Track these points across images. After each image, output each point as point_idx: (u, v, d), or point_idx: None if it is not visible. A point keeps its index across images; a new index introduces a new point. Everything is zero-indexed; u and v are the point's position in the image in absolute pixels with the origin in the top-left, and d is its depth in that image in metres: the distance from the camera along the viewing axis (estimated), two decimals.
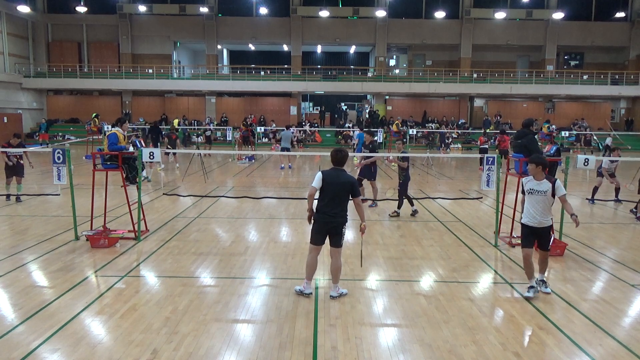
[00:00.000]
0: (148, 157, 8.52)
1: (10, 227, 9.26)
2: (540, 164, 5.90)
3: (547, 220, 5.93)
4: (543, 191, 5.85)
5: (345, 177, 5.73)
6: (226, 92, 36.58)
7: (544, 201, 5.87)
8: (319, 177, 5.65)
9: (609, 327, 5.13)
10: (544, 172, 5.96)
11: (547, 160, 5.97)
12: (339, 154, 5.80)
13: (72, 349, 4.53)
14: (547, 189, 5.85)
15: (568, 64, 38.04)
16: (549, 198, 5.87)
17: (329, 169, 5.79)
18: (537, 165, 5.89)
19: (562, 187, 5.90)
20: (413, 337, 4.86)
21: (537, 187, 5.91)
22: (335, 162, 5.79)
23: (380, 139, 27.08)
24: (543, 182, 5.89)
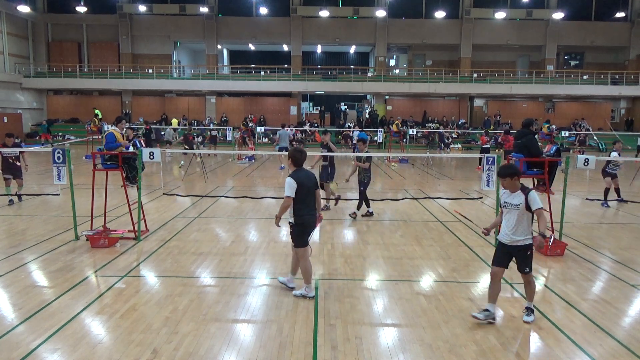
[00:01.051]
0: (148, 157, 8.51)
1: (10, 227, 9.26)
2: (512, 175, 5.14)
3: (520, 238, 5.16)
4: (516, 204, 5.12)
5: (312, 175, 5.89)
6: (226, 92, 36.59)
7: (517, 216, 5.14)
8: (292, 185, 5.52)
9: (609, 327, 5.13)
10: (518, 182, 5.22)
11: (519, 169, 5.28)
12: (302, 154, 5.80)
13: (72, 348, 4.53)
14: (521, 202, 5.10)
15: (568, 64, 38.05)
16: (522, 212, 5.11)
17: (296, 173, 5.69)
18: (511, 177, 5.13)
19: (536, 200, 5.09)
20: (413, 337, 4.86)
21: (510, 200, 5.20)
22: (299, 163, 5.76)
23: (380, 139, 27.17)
24: (517, 194, 5.16)
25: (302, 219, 5.69)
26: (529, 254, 5.22)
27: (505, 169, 5.19)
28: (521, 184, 5.19)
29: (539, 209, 5.09)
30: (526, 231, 5.18)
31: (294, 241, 5.83)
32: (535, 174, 8.14)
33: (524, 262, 5.24)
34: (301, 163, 5.79)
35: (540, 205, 5.09)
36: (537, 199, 5.11)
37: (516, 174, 5.15)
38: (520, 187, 5.16)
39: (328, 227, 9.54)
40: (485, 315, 5.19)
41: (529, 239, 5.19)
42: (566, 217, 8.49)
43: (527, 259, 5.24)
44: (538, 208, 5.09)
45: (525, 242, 5.18)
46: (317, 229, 6.34)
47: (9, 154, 10.99)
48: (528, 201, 5.08)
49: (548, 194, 8.02)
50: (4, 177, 11.27)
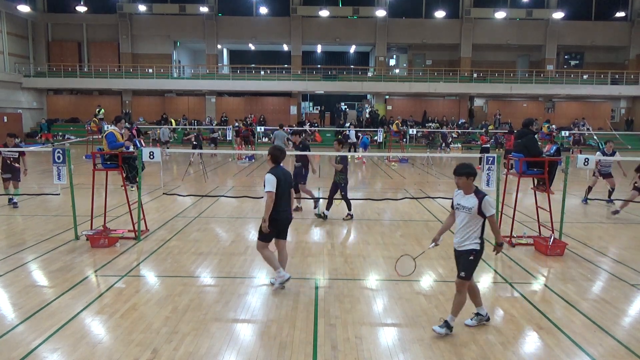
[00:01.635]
0: (148, 157, 8.51)
1: (10, 226, 9.26)
2: (468, 175, 4.83)
3: (466, 242, 4.85)
4: (468, 207, 4.81)
5: (288, 172, 6.06)
6: (226, 91, 36.59)
7: (466, 219, 4.84)
8: (273, 180, 5.68)
9: (609, 326, 5.13)
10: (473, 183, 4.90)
11: (475, 170, 4.90)
12: (282, 153, 5.97)
13: (72, 348, 4.53)
14: (473, 206, 4.77)
15: (568, 64, 38.04)
16: (473, 216, 4.78)
17: (275, 169, 5.85)
18: (467, 177, 4.83)
19: (490, 206, 4.75)
20: (413, 337, 4.86)
21: (462, 202, 4.88)
22: (278, 161, 5.92)
23: (380, 139, 27.16)
24: (470, 196, 4.84)
25: (279, 215, 5.83)
26: (471, 259, 4.83)
27: (462, 167, 4.84)
28: (476, 187, 4.89)
29: (492, 216, 4.79)
30: (473, 236, 4.83)
31: (259, 234, 5.94)
32: (535, 173, 8.15)
33: (463, 265, 4.87)
34: (280, 161, 5.96)
35: (494, 212, 4.80)
36: (492, 205, 4.79)
37: (472, 174, 4.83)
38: (475, 189, 4.85)
39: (328, 227, 9.54)
40: (478, 319, 5.08)
41: (475, 244, 4.83)
42: (566, 217, 8.49)
43: (467, 263, 4.85)
44: (491, 215, 4.77)
45: (470, 246, 4.83)
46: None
47: (8, 155, 10.73)
48: (481, 206, 4.74)
49: (548, 193, 8.03)
50: (3, 177, 11.04)
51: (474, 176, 4.86)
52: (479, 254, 4.86)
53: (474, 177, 4.86)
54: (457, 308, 4.89)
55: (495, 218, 4.87)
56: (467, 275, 4.84)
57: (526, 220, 9.95)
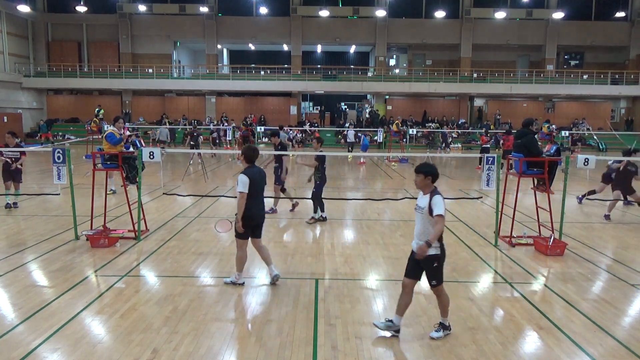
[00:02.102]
0: (148, 157, 8.51)
1: (10, 226, 9.26)
2: (425, 174, 4.66)
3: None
4: (422, 207, 4.67)
5: (263, 171, 6.17)
6: (226, 91, 36.59)
7: (422, 220, 4.69)
8: (245, 181, 5.76)
9: (609, 326, 5.13)
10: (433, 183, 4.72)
11: (436, 170, 4.70)
12: (255, 152, 6.05)
13: (72, 348, 4.53)
14: (426, 205, 4.61)
15: (568, 64, 38.04)
16: (426, 216, 4.62)
17: (248, 169, 5.93)
18: (424, 175, 4.66)
19: (439, 205, 4.55)
20: (413, 337, 4.86)
21: (419, 202, 4.76)
22: (251, 160, 6.00)
23: (380, 139, 27.17)
24: (426, 196, 4.67)
25: (251, 212, 5.89)
26: (436, 266, 4.67)
27: (421, 165, 4.70)
28: (434, 187, 4.70)
29: (438, 216, 4.54)
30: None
31: (237, 233, 6.03)
32: (535, 173, 8.15)
33: (430, 275, 4.72)
34: (253, 160, 6.03)
35: (441, 212, 4.54)
36: (440, 204, 4.56)
37: (430, 173, 4.65)
38: (432, 190, 4.68)
39: (328, 226, 9.54)
40: (387, 325, 4.86)
41: (435, 248, 4.62)
42: (566, 217, 8.49)
43: (433, 271, 4.70)
44: (438, 214, 4.54)
45: (431, 251, 4.61)
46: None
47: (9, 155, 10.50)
48: (431, 204, 4.57)
49: (548, 193, 8.03)
50: (4, 181, 10.84)
51: (432, 176, 4.67)
52: (441, 258, 4.69)
53: (432, 178, 4.67)
54: (445, 309, 4.86)
55: (442, 220, 4.55)
56: (438, 281, 4.74)
57: (526, 220, 9.95)
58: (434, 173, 4.68)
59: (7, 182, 10.82)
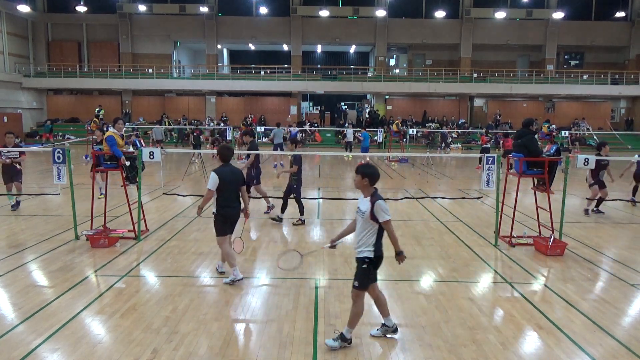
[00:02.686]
0: (148, 156, 8.51)
1: (10, 226, 9.26)
2: (363, 174, 4.53)
3: (360, 249, 4.53)
4: (362, 211, 4.53)
5: (237, 170, 6.31)
6: (226, 91, 36.58)
7: (361, 223, 4.55)
8: (215, 179, 5.98)
9: (609, 326, 5.13)
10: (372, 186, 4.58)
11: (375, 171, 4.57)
12: (229, 151, 6.27)
13: (72, 348, 4.53)
14: (366, 210, 4.47)
15: (568, 64, 38.04)
16: (367, 220, 4.47)
17: (220, 168, 6.13)
18: (362, 176, 4.53)
19: (383, 211, 4.39)
20: (413, 337, 4.86)
21: (359, 205, 4.62)
22: (225, 159, 6.21)
23: (380, 139, 27.17)
24: (367, 199, 4.53)
25: (223, 210, 6.16)
26: (364, 267, 4.52)
27: (361, 166, 4.57)
28: (374, 190, 4.57)
29: (385, 222, 4.41)
30: (367, 242, 4.50)
31: (215, 229, 6.28)
32: (535, 173, 8.15)
33: (356, 274, 4.59)
34: (227, 159, 6.22)
35: (387, 217, 4.41)
36: (384, 210, 4.41)
37: (368, 174, 4.51)
38: (372, 193, 4.53)
39: (327, 226, 9.54)
40: (384, 330, 4.83)
41: (369, 251, 4.49)
42: (566, 217, 8.49)
43: (360, 272, 4.56)
44: (385, 220, 4.40)
45: (364, 253, 4.50)
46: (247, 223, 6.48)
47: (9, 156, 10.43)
48: (374, 210, 4.41)
49: (548, 193, 8.03)
50: (4, 182, 10.72)
51: (369, 178, 4.51)
52: (373, 262, 4.52)
53: (369, 179, 4.51)
54: (353, 319, 4.61)
55: (391, 225, 4.46)
56: (360, 285, 4.55)
57: (526, 220, 9.95)
58: (370, 174, 4.52)
59: (8, 184, 10.70)
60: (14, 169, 10.64)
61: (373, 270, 4.59)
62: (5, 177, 10.72)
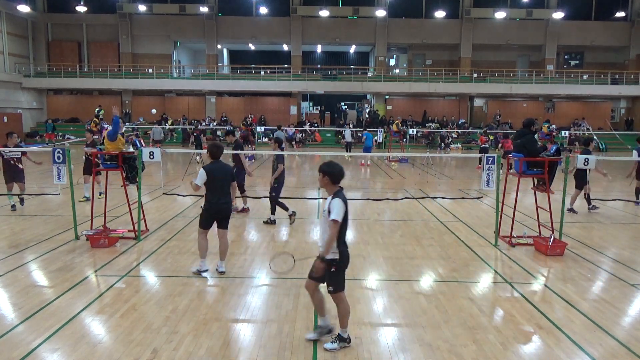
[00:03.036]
0: (148, 156, 8.51)
1: (10, 226, 9.26)
2: (323, 172, 4.45)
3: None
4: (325, 210, 4.46)
5: (227, 167, 6.48)
6: (226, 91, 36.58)
7: (323, 223, 4.48)
8: (202, 174, 6.19)
9: (609, 326, 5.13)
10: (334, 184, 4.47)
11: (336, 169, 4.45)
12: (219, 149, 6.44)
13: (72, 348, 4.53)
14: (326, 209, 4.41)
15: (568, 64, 38.04)
16: (326, 219, 4.40)
17: (209, 164, 6.34)
18: (323, 174, 4.45)
19: (335, 209, 4.30)
20: (413, 337, 4.86)
21: (325, 205, 4.50)
22: (215, 156, 6.39)
23: (380, 139, 27.17)
24: (329, 198, 4.46)
25: (210, 205, 6.37)
26: (333, 271, 4.42)
27: (322, 164, 4.47)
28: (338, 189, 4.47)
29: (332, 221, 4.30)
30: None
31: (199, 221, 6.58)
32: (535, 173, 8.15)
33: (328, 279, 4.48)
34: (217, 156, 6.41)
35: (336, 217, 4.29)
36: (336, 208, 4.29)
37: (327, 172, 4.41)
38: (335, 191, 4.45)
39: None
40: (319, 332, 4.72)
41: (333, 253, 4.39)
42: (566, 217, 8.49)
43: (330, 277, 4.45)
44: (332, 219, 4.29)
45: (329, 255, 4.39)
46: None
47: (10, 156, 10.47)
48: (330, 207, 4.35)
49: (548, 193, 8.03)
50: (6, 182, 10.69)
51: (330, 176, 4.42)
52: (340, 264, 4.45)
53: (330, 177, 4.43)
54: (343, 319, 4.60)
55: (335, 228, 4.32)
56: (335, 289, 4.51)
57: (526, 220, 9.95)
58: (330, 172, 4.42)
59: (9, 184, 10.70)
60: (17, 168, 10.65)
61: (342, 271, 4.55)
62: (7, 177, 10.72)
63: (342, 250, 4.48)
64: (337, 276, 4.52)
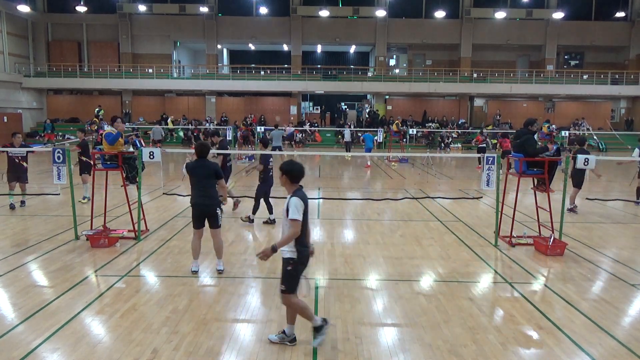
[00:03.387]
0: (148, 156, 8.50)
1: (11, 226, 9.26)
2: (283, 172, 4.42)
3: (284, 249, 4.35)
4: (284, 209, 4.38)
5: (210, 164, 6.51)
6: (226, 91, 36.57)
7: (283, 222, 4.43)
8: (183, 172, 6.58)
9: (609, 326, 5.13)
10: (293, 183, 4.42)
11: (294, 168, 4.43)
12: (204, 147, 6.61)
13: (72, 348, 4.53)
14: (285, 208, 4.36)
15: (568, 64, 38.03)
16: (285, 219, 4.37)
17: (193, 162, 6.52)
18: (281, 173, 4.42)
19: (292, 208, 4.24)
20: (413, 337, 4.86)
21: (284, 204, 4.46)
22: (199, 154, 6.51)
23: (380, 139, 27.17)
24: (287, 197, 4.40)
25: (192, 202, 6.52)
26: (289, 269, 4.37)
27: (282, 164, 4.46)
28: (298, 188, 4.42)
29: (291, 220, 4.23)
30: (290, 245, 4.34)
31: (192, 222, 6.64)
32: (535, 173, 8.15)
33: (282, 277, 4.43)
34: (202, 155, 6.54)
35: (294, 216, 4.22)
36: (293, 207, 4.23)
37: (285, 171, 4.39)
38: (295, 190, 4.40)
39: (327, 226, 9.54)
40: (281, 337, 4.63)
41: (291, 252, 4.34)
42: (566, 217, 8.49)
43: (285, 275, 4.40)
44: (291, 218, 4.23)
45: (287, 254, 4.34)
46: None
47: (15, 154, 10.56)
48: (288, 205, 4.29)
49: (548, 193, 8.03)
50: (9, 181, 10.74)
51: (288, 175, 4.40)
52: (296, 263, 4.36)
53: (288, 176, 4.40)
54: (292, 316, 4.54)
55: (294, 228, 4.24)
56: (287, 288, 4.40)
57: (526, 220, 9.95)
58: (289, 171, 4.39)
59: (11, 183, 10.77)
60: (21, 167, 10.73)
61: (300, 271, 4.44)
62: (10, 176, 10.77)
63: (299, 249, 4.37)
64: (292, 276, 4.40)
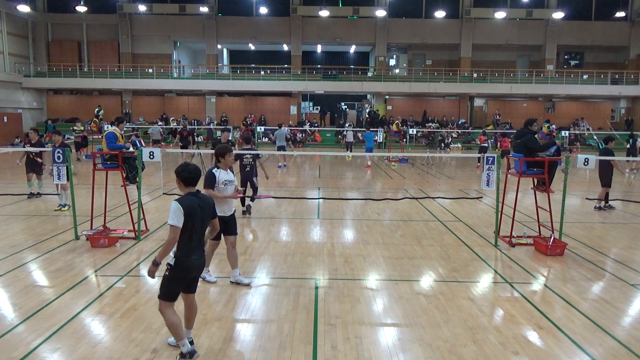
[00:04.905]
0: (148, 156, 8.51)
1: (11, 226, 9.26)
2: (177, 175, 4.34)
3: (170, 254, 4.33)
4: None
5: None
6: (226, 91, 36.57)
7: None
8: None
9: (609, 326, 5.13)
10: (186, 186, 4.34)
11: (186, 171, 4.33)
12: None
13: (72, 348, 4.53)
14: None
15: (568, 64, 38.03)
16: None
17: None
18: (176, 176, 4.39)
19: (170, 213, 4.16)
20: (413, 337, 4.86)
21: None
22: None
23: (380, 139, 27.17)
24: None
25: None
26: (166, 274, 4.19)
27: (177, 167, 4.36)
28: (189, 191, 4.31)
29: (171, 227, 4.16)
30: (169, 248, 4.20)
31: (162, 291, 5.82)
32: (535, 173, 8.15)
33: (160, 283, 4.29)
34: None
35: (170, 221, 4.12)
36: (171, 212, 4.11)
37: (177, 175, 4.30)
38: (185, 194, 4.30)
39: (328, 227, 9.54)
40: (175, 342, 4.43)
41: (171, 257, 4.23)
42: (566, 216, 8.49)
43: (162, 279, 4.24)
44: (171, 224, 4.16)
45: (167, 259, 4.24)
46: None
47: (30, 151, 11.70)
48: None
49: (548, 193, 8.03)
50: (27, 172, 12.01)
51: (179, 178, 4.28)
52: (173, 271, 4.17)
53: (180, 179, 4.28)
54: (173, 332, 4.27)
55: (172, 233, 4.13)
56: (161, 295, 4.20)
57: (526, 220, 9.95)
58: (179, 173, 4.26)
59: (29, 174, 12.04)
60: (36, 162, 12.00)
61: (178, 278, 4.22)
62: (28, 168, 12.05)
63: (178, 257, 4.16)
64: (168, 282, 4.18)
